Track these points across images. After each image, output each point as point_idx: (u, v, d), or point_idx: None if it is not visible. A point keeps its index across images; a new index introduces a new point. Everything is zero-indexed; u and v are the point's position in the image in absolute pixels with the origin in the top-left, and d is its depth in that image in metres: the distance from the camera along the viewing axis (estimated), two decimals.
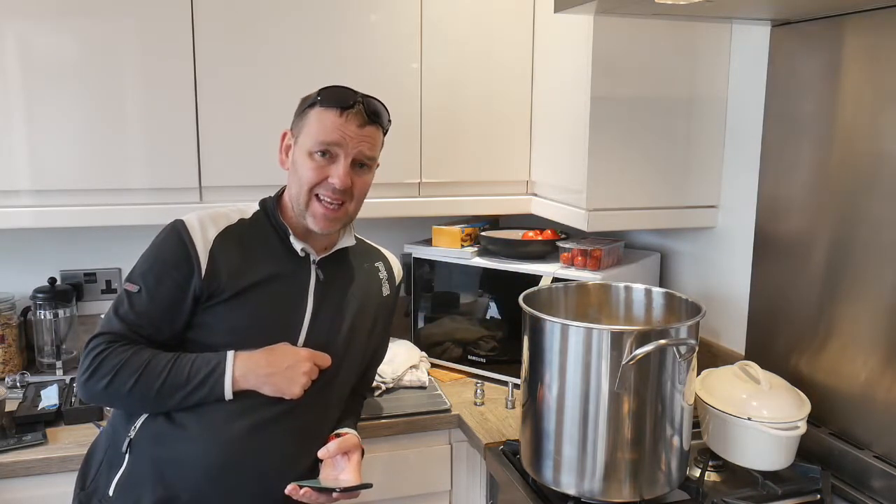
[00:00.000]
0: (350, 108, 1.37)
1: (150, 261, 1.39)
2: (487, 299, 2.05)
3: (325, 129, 1.37)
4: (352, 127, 1.37)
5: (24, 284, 2.08)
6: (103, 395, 1.34)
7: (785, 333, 1.67)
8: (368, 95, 1.40)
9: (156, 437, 1.33)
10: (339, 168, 1.37)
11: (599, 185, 1.81)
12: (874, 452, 1.46)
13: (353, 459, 1.42)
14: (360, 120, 1.38)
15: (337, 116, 1.36)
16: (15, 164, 1.74)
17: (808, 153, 1.59)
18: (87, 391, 1.33)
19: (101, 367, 1.31)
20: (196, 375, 1.32)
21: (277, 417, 1.36)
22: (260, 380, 1.34)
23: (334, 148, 1.37)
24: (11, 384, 1.92)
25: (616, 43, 1.77)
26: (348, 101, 1.37)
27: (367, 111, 1.38)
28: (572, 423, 1.36)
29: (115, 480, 1.34)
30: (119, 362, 1.30)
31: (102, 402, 1.54)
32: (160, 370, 1.31)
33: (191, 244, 1.36)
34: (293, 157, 1.42)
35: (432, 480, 1.86)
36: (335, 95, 1.38)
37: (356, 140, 1.38)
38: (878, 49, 1.42)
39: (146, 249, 1.41)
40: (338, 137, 1.36)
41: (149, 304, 1.35)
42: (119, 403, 1.39)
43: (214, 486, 1.32)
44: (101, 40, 1.75)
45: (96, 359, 1.31)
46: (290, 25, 1.87)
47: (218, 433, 1.32)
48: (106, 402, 1.49)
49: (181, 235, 1.37)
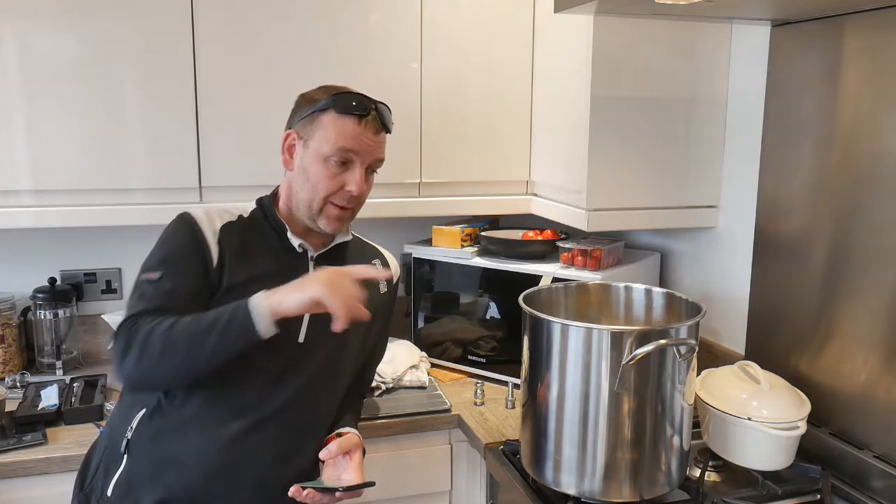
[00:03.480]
0: (366, 115, 1.38)
1: (165, 251, 1.37)
2: (487, 299, 2.05)
3: (345, 137, 1.37)
4: (369, 134, 1.39)
5: (24, 284, 2.08)
6: (138, 371, 1.28)
7: (785, 333, 1.67)
8: (378, 101, 1.42)
9: (154, 437, 1.33)
10: (355, 175, 1.39)
11: (599, 185, 1.81)
12: (874, 452, 1.46)
13: (355, 459, 1.42)
14: (376, 127, 1.40)
15: (356, 124, 1.37)
16: (15, 164, 1.74)
17: (808, 153, 1.59)
18: (123, 373, 1.29)
19: (130, 345, 1.27)
20: (222, 315, 1.26)
21: (275, 416, 1.37)
22: (299, 297, 1.24)
23: (352, 155, 1.38)
24: (11, 384, 1.92)
25: (616, 43, 1.77)
26: (366, 109, 1.38)
27: (380, 118, 1.40)
28: (572, 423, 1.36)
29: (113, 481, 1.34)
30: (145, 333, 1.26)
31: (140, 380, 1.34)
32: (184, 325, 1.27)
33: (201, 234, 1.37)
34: (302, 160, 1.41)
35: (432, 480, 1.86)
36: (352, 102, 1.38)
37: (372, 147, 1.40)
38: (878, 49, 1.42)
39: (157, 244, 1.39)
40: (356, 145, 1.38)
41: (173, 289, 1.33)
42: (155, 376, 1.31)
43: (212, 486, 1.32)
44: (101, 40, 1.75)
45: (124, 340, 1.28)
46: (290, 26, 1.87)
47: (215, 433, 1.33)
48: (143, 378, 1.32)
49: (191, 226, 1.38)
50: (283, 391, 1.39)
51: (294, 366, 1.40)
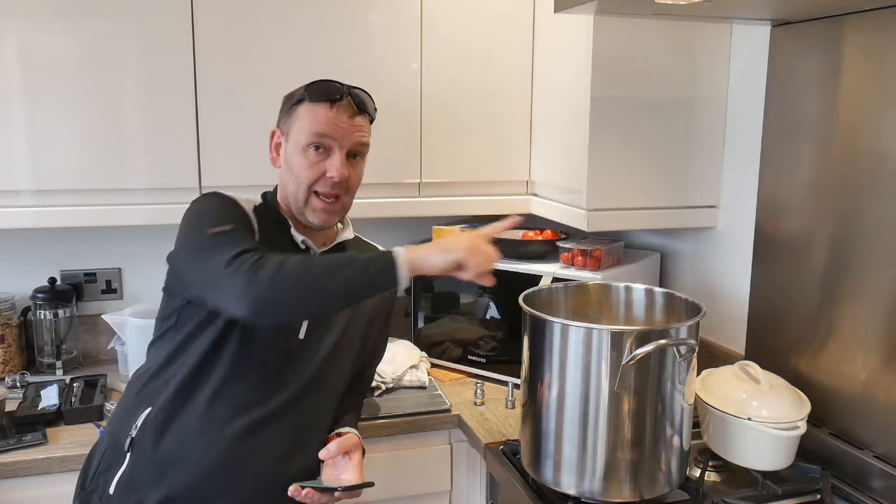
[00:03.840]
0: (339, 100, 1.39)
1: (221, 213, 1.35)
2: (487, 299, 2.05)
3: (318, 122, 1.39)
4: (343, 118, 1.39)
5: (24, 284, 2.08)
6: (270, 289, 1.21)
7: (785, 333, 1.67)
8: (353, 86, 1.43)
9: (158, 436, 1.33)
10: (335, 160, 1.39)
11: (599, 185, 1.81)
12: (874, 452, 1.46)
13: (355, 459, 1.42)
14: (350, 111, 1.40)
15: (328, 109, 1.39)
16: (15, 164, 1.74)
17: (808, 153, 1.59)
18: (251, 293, 1.21)
19: (262, 266, 1.22)
20: (360, 256, 1.26)
21: (276, 414, 1.37)
22: (444, 258, 1.24)
23: (328, 140, 1.39)
24: (11, 384, 1.92)
25: (616, 43, 1.77)
26: (336, 93, 1.39)
27: (354, 102, 1.41)
28: (572, 423, 1.36)
29: (115, 479, 1.34)
30: (279, 258, 1.23)
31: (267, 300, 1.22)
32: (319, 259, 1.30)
33: (242, 209, 1.39)
34: (285, 154, 1.44)
35: (432, 480, 1.86)
36: (322, 89, 1.40)
37: (349, 131, 1.40)
38: (878, 49, 1.42)
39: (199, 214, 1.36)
40: (330, 130, 1.39)
41: (252, 237, 1.34)
42: (284, 299, 1.23)
43: (214, 485, 1.32)
44: (101, 40, 1.75)
45: (253, 262, 1.22)
46: (290, 25, 1.87)
47: (219, 431, 1.33)
48: (271, 298, 1.22)
49: (233, 200, 1.39)
50: (285, 389, 1.39)
51: (295, 363, 1.41)
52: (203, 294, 1.32)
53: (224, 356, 1.35)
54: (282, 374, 1.39)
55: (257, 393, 1.36)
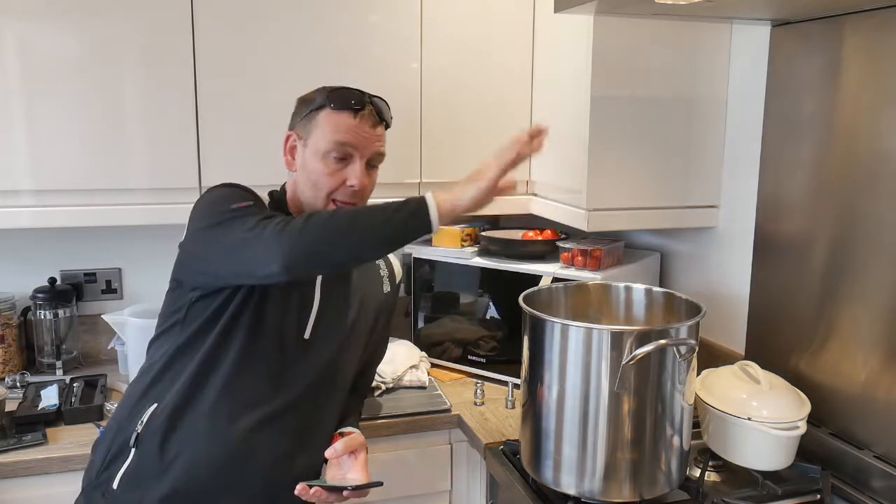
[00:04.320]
0: (362, 109, 1.39)
1: (239, 194, 1.35)
2: (487, 299, 2.05)
3: (341, 131, 1.38)
4: (366, 128, 1.40)
5: (24, 284, 2.08)
6: (301, 237, 1.20)
7: (785, 333, 1.67)
8: (373, 95, 1.43)
9: (164, 432, 1.33)
10: (356, 169, 1.39)
11: (599, 185, 1.81)
12: (874, 452, 1.46)
13: (360, 458, 1.42)
14: (373, 120, 1.41)
15: (351, 118, 1.38)
16: (15, 164, 1.74)
17: (808, 153, 1.59)
18: (286, 239, 1.20)
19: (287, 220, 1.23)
20: (390, 203, 1.24)
21: (282, 412, 1.37)
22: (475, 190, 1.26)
23: (349, 149, 1.39)
24: (11, 384, 1.92)
25: (616, 43, 1.77)
26: (360, 102, 1.39)
27: (376, 111, 1.41)
28: (572, 423, 1.36)
29: (119, 474, 1.34)
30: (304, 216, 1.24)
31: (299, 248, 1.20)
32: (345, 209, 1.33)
33: (259, 198, 1.38)
34: (303, 160, 1.43)
35: (432, 480, 1.86)
36: (346, 97, 1.39)
37: (370, 140, 1.41)
38: (878, 49, 1.42)
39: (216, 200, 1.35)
40: (353, 139, 1.39)
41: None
42: (317, 244, 1.22)
43: (220, 482, 1.32)
44: (101, 40, 1.75)
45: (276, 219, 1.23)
46: (290, 25, 1.87)
47: (225, 428, 1.33)
48: (305, 245, 1.21)
49: (249, 189, 1.39)
50: (290, 387, 1.39)
51: (300, 362, 1.41)
52: (226, 266, 1.28)
53: (231, 352, 1.35)
54: (288, 372, 1.39)
55: (264, 391, 1.36)
